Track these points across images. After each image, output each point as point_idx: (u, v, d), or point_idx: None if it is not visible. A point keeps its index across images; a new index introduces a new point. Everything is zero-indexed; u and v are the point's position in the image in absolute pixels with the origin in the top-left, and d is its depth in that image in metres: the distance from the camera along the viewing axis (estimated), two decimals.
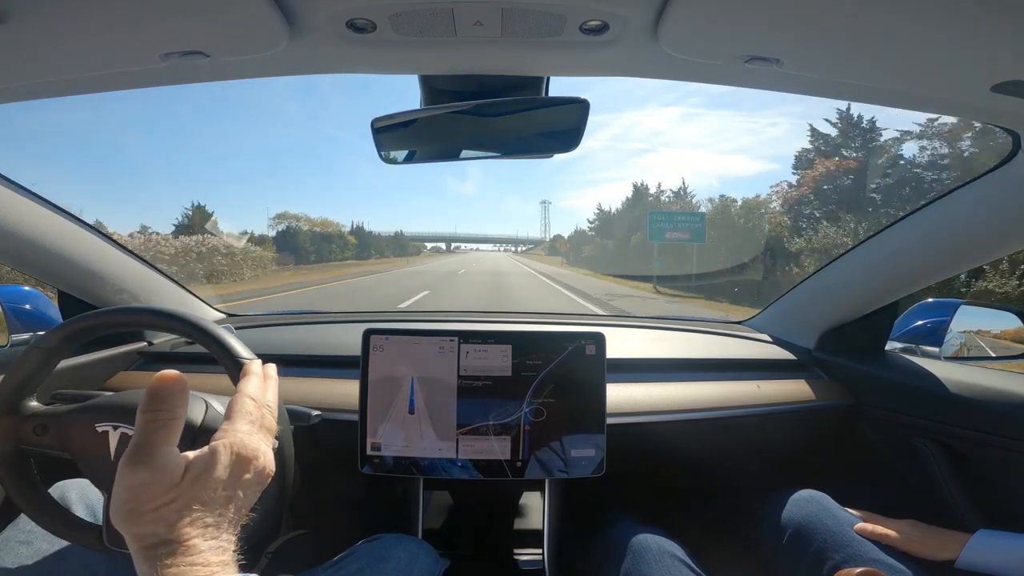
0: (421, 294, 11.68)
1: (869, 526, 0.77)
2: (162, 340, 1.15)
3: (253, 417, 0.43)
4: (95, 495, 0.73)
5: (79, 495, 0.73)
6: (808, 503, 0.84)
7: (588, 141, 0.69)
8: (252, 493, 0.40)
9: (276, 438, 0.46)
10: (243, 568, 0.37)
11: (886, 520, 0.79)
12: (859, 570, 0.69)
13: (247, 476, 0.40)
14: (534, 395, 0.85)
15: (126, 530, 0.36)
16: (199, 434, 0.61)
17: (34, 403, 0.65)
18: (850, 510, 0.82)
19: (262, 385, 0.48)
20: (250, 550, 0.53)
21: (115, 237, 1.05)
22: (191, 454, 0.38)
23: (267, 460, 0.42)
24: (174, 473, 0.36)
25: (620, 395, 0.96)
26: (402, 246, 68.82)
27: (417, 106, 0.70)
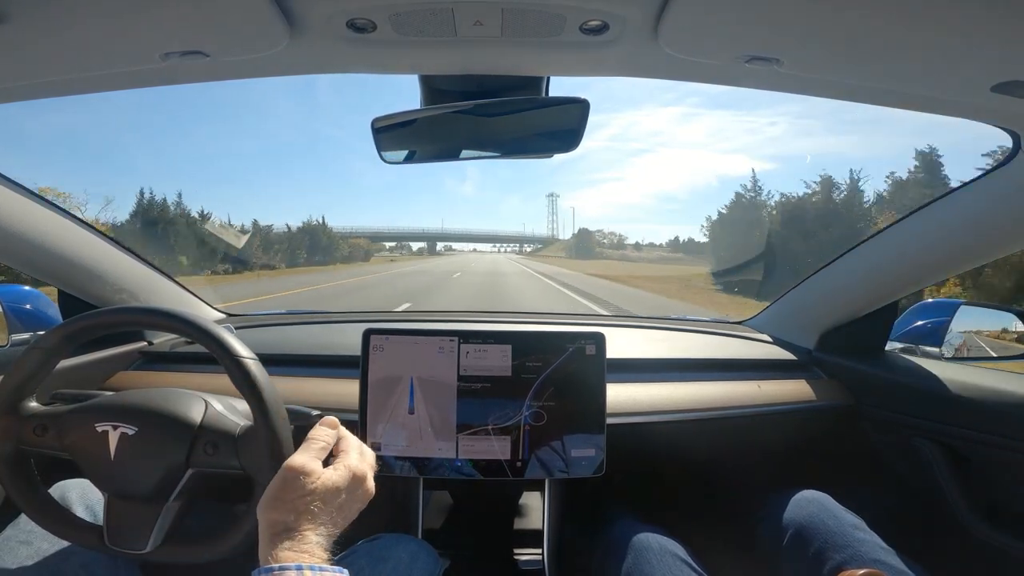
0: None
1: None
2: (162, 340, 1.15)
3: (360, 451, 0.58)
4: (96, 495, 0.73)
5: (79, 495, 0.73)
6: (809, 503, 0.84)
7: (586, 141, 0.68)
8: (355, 508, 0.54)
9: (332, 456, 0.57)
10: (245, 569, 0.41)
11: None
12: (861, 571, 0.69)
13: (358, 491, 0.54)
14: (534, 397, 0.85)
15: (266, 515, 0.47)
16: (198, 433, 0.61)
17: (34, 403, 0.65)
18: (851, 512, 0.82)
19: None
20: (249, 550, 0.54)
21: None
22: (325, 468, 0.52)
23: (371, 484, 0.56)
24: (312, 476, 0.49)
25: (620, 395, 0.96)
26: (323, 249, 42.34)
27: (417, 106, 0.70)
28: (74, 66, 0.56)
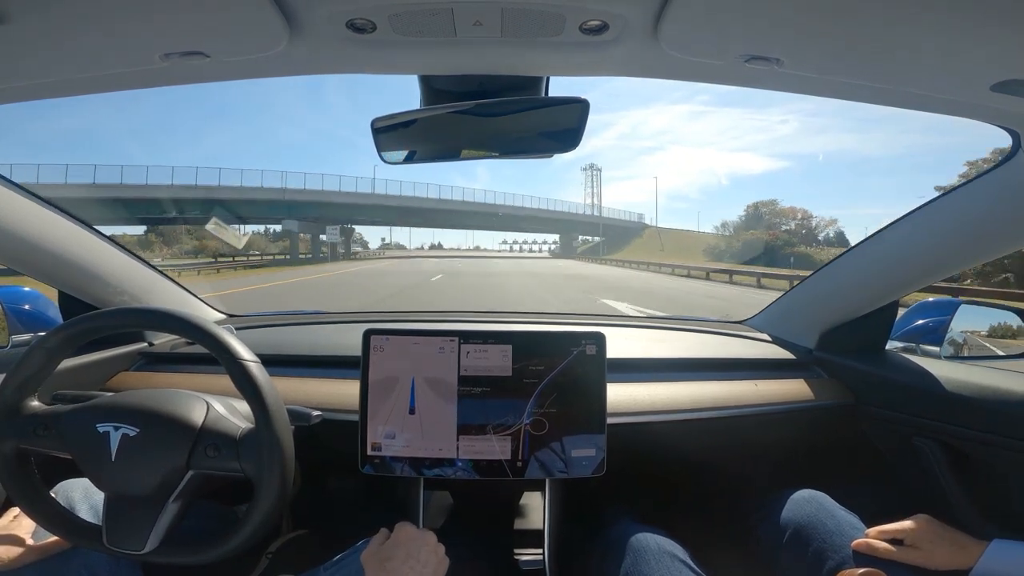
0: None
1: (874, 543, 0.74)
2: (163, 340, 1.15)
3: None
4: (99, 495, 0.73)
5: (83, 495, 0.73)
6: (807, 503, 0.84)
7: (596, 140, 0.67)
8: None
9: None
10: (246, 569, 0.40)
11: (888, 528, 0.76)
12: (860, 571, 0.69)
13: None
14: (537, 401, 0.85)
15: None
16: (200, 435, 0.61)
17: (35, 403, 0.65)
18: (849, 511, 0.82)
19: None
20: (250, 551, 0.54)
21: None
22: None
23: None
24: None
25: (620, 395, 0.96)
26: None
27: (417, 106, 0.71)
28: (74, 67, 0.56)
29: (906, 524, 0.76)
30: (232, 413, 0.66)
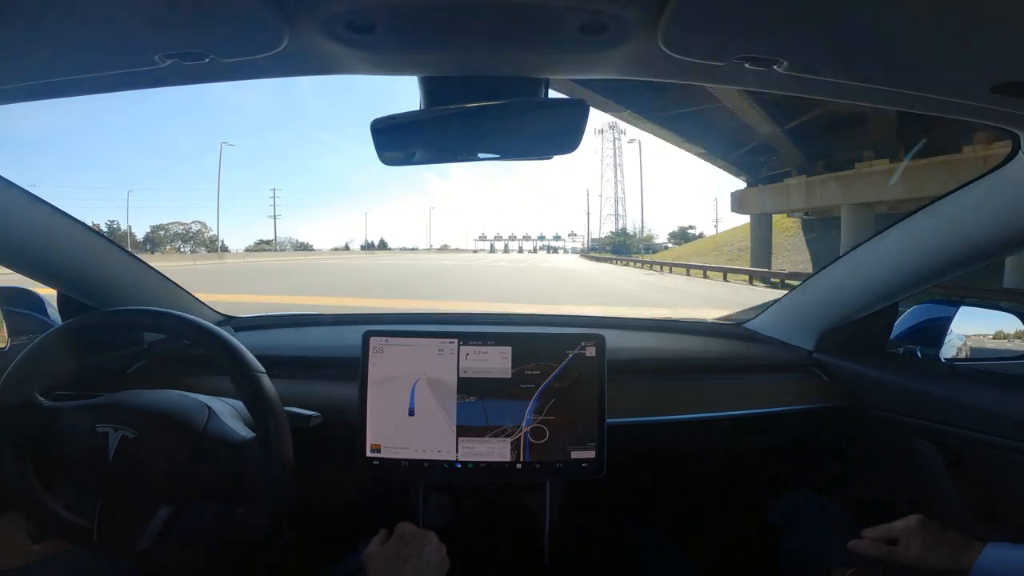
0: None
1: (868, 544, 0.74)
2: (162, 341, 1.15)
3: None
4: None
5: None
6: (804, 504, 0.84)
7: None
8: None
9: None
10: (245, 570, 0.40)
11: (883, 528, 0.75)
12: (850, 571, 0.69)
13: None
14: (536, 403, 0.85)
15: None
16: (200, 441, 0.61)
17: (35, 399, 0.65)
18: (847, 513, 0.82)
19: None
20: (250, 551, 0.54)
21: None
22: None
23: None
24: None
25: (620, 397, 0.96)
26: None
27: (417, 107, 0.71)
28: (74, 67, 0.56)
29: (900, 524, 0.76)
30: (232, 418, 0.66)
